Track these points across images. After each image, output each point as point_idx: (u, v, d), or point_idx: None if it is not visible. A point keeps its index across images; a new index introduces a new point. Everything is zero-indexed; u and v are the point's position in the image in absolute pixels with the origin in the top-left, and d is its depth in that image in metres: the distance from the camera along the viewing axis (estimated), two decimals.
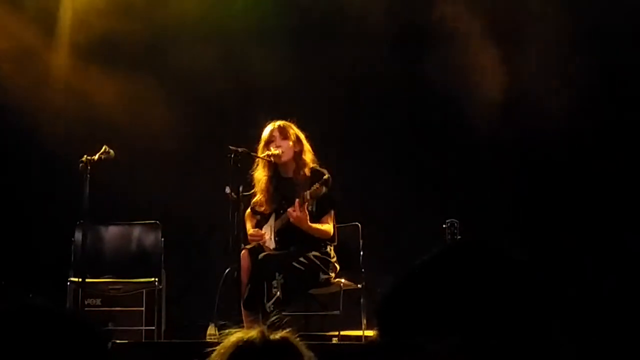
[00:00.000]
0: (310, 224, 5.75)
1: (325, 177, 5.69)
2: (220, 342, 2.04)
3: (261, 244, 5.94)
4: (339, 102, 7.42)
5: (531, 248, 6.53)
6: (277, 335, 1.98)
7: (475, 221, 6.22)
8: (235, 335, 1.99)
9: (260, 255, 5.78)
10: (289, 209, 5.71)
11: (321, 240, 5.89)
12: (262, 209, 6.04)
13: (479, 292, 1.17)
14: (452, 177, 7.22)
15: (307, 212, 5.71)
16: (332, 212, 5.93)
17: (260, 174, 6.00)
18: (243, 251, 5.82)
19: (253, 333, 1.97)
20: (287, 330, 2.01)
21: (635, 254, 6.80)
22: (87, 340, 1.19)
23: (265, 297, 5.60)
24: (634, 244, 6.83)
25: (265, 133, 5.94)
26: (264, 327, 2.01)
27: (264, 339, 1.96)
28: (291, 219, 5.73)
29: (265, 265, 5.70)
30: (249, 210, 6.08)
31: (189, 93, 7.44)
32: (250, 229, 6.06)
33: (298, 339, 2.01)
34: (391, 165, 7.27)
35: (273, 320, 2.05)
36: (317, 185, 5.64)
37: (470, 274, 1.19)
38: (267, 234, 5.98)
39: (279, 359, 1.94)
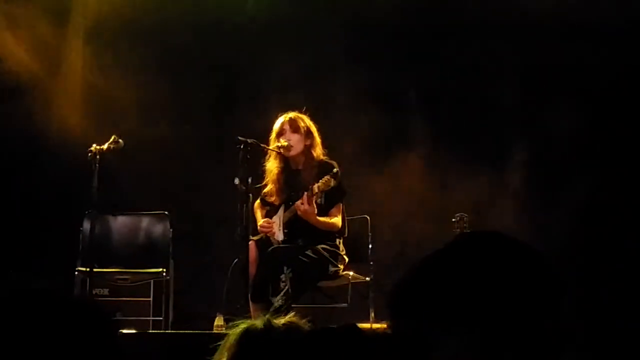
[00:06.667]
0: (317, 217, 5.73)
1: (334, 170, 5.66)
2: (227, 333, 2.05)
3: (269, 235, 5.93)
4: (348, 93, 7.38)
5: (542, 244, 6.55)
6: (282, 320, 2.00)
7: (484, 215, 6.20)
8: (241, 326, 2.01)
9: (269, 249, 5.76)
10: (297, 203, 5.69)
11: (330, 233, 5.87)
12: (272, 199, 6.04)
13: (494, 282, 1.15)
14: (462, 171, 7.19)
15: (315, 206, 5.69)
16: (341, 204, 5.91)
17: (271, 165, 5.99)
18: (250, 242, 5.81)
19: (258, 322, 2.00)
20: (293, 314, 2.03)
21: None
22: (97, 325, 1.17)
23: (273, 291, 5.57)
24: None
25: (277, 125, 5.92)
26: (269, 315, 2.02)
27: (268, 325, 1.97)
28: (299, 212, 5.70)
29: (273, 259, 5.68)
30: (258, 200, 6.07)
31: (199, 83, 7.42)
32: (260, 219, 6.05)
33: (304, 321, 2.02)
34: (400, 158, 7.24)
35: (281, 311, 2.07)
36: (326, 178, 5.61)
37: (486, 264, 1.17)
38: (276, 225, 5.97)
39: (284, 342, 1.94)
